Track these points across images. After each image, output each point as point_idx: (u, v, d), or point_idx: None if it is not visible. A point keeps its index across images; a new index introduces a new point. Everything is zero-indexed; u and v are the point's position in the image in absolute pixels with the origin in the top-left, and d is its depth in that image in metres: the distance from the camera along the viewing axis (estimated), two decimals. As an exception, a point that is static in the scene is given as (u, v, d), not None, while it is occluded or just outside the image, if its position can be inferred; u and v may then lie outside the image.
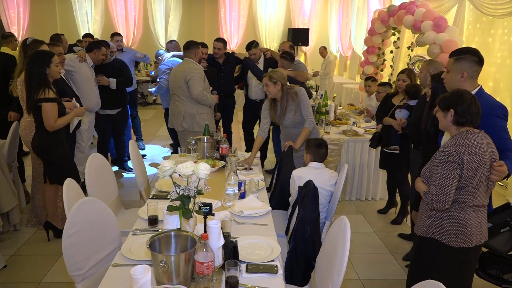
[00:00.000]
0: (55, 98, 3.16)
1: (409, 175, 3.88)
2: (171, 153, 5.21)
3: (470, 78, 2.38)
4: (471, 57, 2.36)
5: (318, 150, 2.93)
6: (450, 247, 2.11)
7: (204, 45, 5.15)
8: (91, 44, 4.67)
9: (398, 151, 3.88)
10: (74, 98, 3.68)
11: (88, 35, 6.58)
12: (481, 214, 2.13)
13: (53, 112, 3.14)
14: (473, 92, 2.37)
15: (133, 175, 5.21)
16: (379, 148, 4.22)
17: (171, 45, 5.95)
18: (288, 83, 3.52)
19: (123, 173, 5.32)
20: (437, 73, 2.84)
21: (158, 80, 5.49)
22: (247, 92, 5.35)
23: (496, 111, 2.30)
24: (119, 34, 5.92)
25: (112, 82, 4.76)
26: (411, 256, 2.75)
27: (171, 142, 6.46)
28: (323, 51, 9.83)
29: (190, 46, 4.34)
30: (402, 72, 4.03)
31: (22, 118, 3.52)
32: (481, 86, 2.42)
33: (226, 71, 5.24)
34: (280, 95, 3.45)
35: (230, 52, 5.61)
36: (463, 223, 2.08)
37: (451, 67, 2.42)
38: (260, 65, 5.09)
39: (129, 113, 5.80)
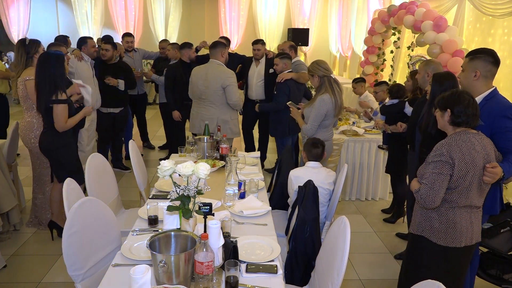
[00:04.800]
0: (66, 100, 3.17)
1: (407, 177, 3.89)
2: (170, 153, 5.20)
3: (484, 78, 2.38)
4: (485, 57, 2.36)
5: (312, 149, 2.93)
6: (438, 246, 2.12)
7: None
8: (78, 43, 4.67)
9: (386, 150, 3.93)
10: (79, 81, 3.70)
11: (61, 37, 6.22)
12: (473, 215, 2.13)
13: (64, 113, 3.17)
14: (487, 92, 2.38)
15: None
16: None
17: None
18: (329, 75, 3.44)
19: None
20: (440, 73, 2.80)
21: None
22: (246, 91, 5.32)
23: (505, 112, 2.28)
24: (130, 35, 5.88)
25: (121, 84, 4.81)
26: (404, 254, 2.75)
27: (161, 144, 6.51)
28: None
29: (216, 46, 4.14)
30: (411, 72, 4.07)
31: (22, 118, 3.52)
32: (495, 88, 2.41)
33: None
34: (317, 85, 3.47)
35: (233, 52, 5.62)
36: (453, 223, 2.08)
37: (465, 66, 2.44)
38: (262, 65, 5.12)
39: (135, 115, 5.83)
